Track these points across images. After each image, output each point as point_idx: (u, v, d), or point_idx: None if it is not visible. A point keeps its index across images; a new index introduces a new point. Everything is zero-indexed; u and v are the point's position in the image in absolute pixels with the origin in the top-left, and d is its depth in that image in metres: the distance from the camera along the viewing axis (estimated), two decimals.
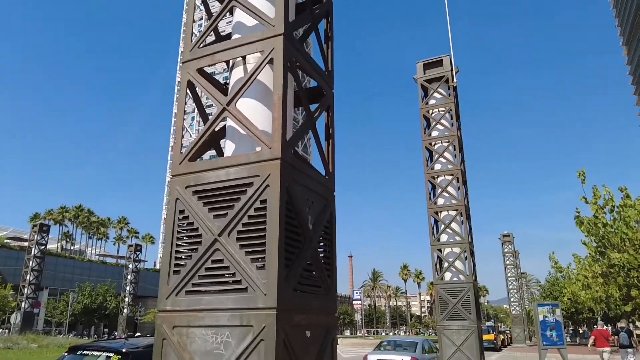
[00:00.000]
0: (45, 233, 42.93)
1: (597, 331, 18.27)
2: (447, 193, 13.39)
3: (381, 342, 15.47)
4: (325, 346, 3.66)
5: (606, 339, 17.32)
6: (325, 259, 3.93)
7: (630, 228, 10.23)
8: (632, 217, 10.32)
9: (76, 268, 68.81)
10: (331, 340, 3.77)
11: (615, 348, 19.19)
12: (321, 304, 3.71)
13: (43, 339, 27.31)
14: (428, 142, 14.01)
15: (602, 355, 17.41)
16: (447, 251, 13.15)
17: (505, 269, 42.45)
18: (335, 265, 4.07)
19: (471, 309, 12.13)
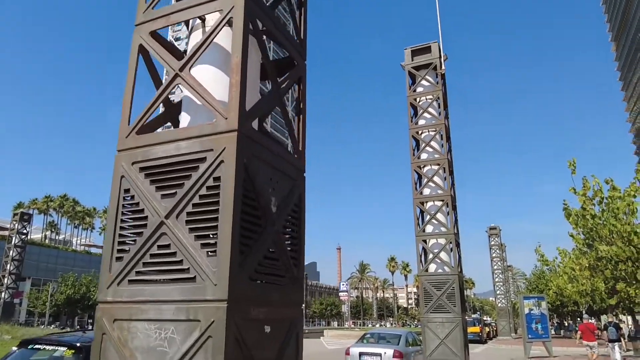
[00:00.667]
0: (26, 222, 42.05)
1: (583, 325, 18.31)
2: (433, 183, 13.07)
3: (364, 334, 15.18)
4: (288, 341, 3.27)
5: (592, 333, 17.39)
6: (292, 246, 3.54)
7: (619, 220, 9.98)
8: (621, 209, 10.07)
9: (60, 258, 67.90)
10: (295, 334, 3.39)
11: (602, 342, 19.23)
12: (285, 295, 3.32)
13: (18, 330, 26.65)
14: (415, 130, 13.65)
15: (588, 348, 17.39)
16: (432, 242, 12.84)
17: (491, 261, 42.50)
18: (303, 252, 3.68)
19: (456, 301, 11.85)
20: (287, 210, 3.46)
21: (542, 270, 40.96)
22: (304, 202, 3.74)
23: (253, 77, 3.58)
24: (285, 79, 3.72)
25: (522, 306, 22.57)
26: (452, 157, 13.86)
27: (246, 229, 2.92)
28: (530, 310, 22.35)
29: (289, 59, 4.05)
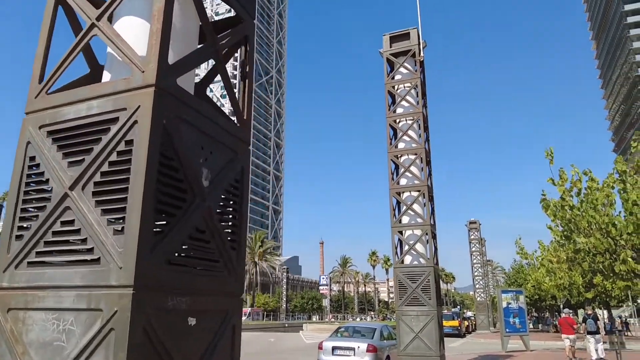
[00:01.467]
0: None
1: (562, 319, 18.30)
2: (410, 173, 12.73)
3: (338, 328, 14.83)
4: (222, 336, 2.84)
5: (571, 327, 17.43)
6: (230, 227, 3.10)
7: (598, 211, 9.75)
8: (600, 200, 9.83)
9: None
10: (231, 327, 2.95)
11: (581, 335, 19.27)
12: (218, 283, 2.88)
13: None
14: (392, 119, 13.28)
15: (567, 342, 17.35)
16: (408, 233, 12.52)
17: (471, 255, 42.62)
18: (245, 235, 3.23)
19: (431, 294, 11.55)
20: (224, 185, 3.01)
21: (521, 265, 41.23)
22: (247, 178, 3.30)
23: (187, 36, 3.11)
24: (226, 36, 3.26)
25: (500, 300, 22.51)
26: (430, 147, 13.53)
27: (165, 203, 2.48)
28: (508, 304, 22.29)
29: (235, 17, 3.59)
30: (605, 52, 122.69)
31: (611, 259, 9.74)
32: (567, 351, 17.22)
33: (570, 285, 19.41)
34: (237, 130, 3.24)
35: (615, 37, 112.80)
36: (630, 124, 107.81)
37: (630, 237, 9.27)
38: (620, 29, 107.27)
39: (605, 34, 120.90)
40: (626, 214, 9.80)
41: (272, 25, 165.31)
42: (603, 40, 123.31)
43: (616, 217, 9.96)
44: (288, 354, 21.89)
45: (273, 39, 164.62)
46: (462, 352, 22.44)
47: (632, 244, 9.32)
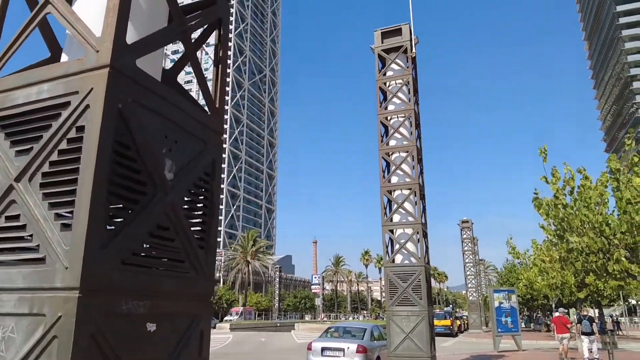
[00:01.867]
0: None
1: (556, 318, 18.36)
2: (401, 171, 12.53)
3: (328, 328, 14.62)
4: (187, 343, 2.60)
5: (564, 326, 17.44)
6: (198, 224, 2.86)
7: (591, 210, 9.59)
8: (593, 199, 9.68)
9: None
10: (199, 334, 2.72)
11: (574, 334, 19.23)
12: (184, 285, 2.64)
13: None
14: (384, 116, 13.08)
15: (562, 341, 17.58)
16: (399, 232, 12.32)
17: (463, 254, 42.55)
18: (216, 233, 3.00)
19: (422, 293, 11.35)
20: (192, 178, 2.78)
21: (513, 264, 41.20)
22: (219, 171, 3.05)
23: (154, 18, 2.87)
24: (196, 17, 3.01)
25: (492, 299, 22.39)
26: (421, 145, 13.34)
27: (120, 196, 2.24)
28: (500, 304, 22.17)
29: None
30: (598, 53, 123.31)
31: (604, 259, 9.59)
32: (561, 350, 17.27)
33: (563, 284, 19.30)
34: (207, 119, 3.00)
35: (607, 37, 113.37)
36: (621, 124, 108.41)
37: (624, 236, 9.12)
38: (613, 29, 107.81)
39: (597, 34, 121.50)
40: (619, 213, 9.65)
41: (265, 23, 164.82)
42: (595, 40, 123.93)
43: (609, 216, 9.81)
44: (278, 354, 21.66)
45: (267, 37, 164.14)
46: (453, 351, 22.31)
47: (626, 243, 9.17)
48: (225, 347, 25.37)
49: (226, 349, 24.16)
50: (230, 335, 35.30)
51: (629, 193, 9.23)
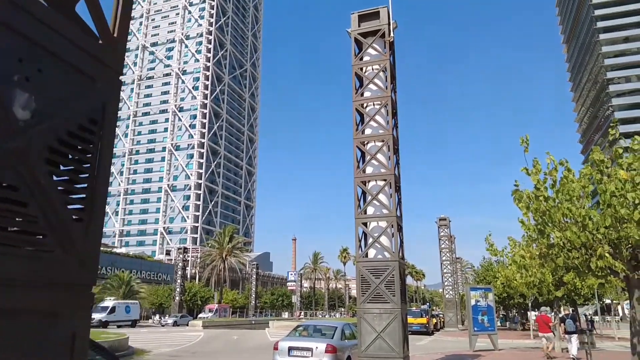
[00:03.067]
0: None
1: (539, 317, 18.47)
2: (377, 161, 11.87)
3: (297, 326, 13.91)
4: (47, 350, 1.85)
5: (547, 325, 17.54)
6: (76, 188, 2.10)
7: (574, 203, 9.05)
8: (576, 191, 9.14)
9: None
10: (69, 337, 1.96)
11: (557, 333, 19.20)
12: (43, 270, 1.88)
13: None
14: (359, 103, 12.40)
15: (543, 340, 17.71)
16: (372, 225, 11.67)
17: (440, 252, 42.32)
18: (103, 203, 2.24)
19: (395, 290, 10.71)
20: (67, 122, 2.01)
21: (490, 262, 41.10)
22: (112, 120, 2.30)
23: None
24: None
25: (469, 297, 21.97)
26: (398, 134, 12.71)
27: None
28: (476, 302, 21.76)
29: None
30: (576, 56, 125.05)
31: (587, 255, 9.07)
32: (545, 348, 17.43)
33: (541, 283, 18.98)
34: (98, 49, 2.23)
35: (585, 41, 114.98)
36: (597, 126, 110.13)
37: (608, 231, 8.61)
38: (590, 33, 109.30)
39: (575, 38, 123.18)
40: (603, 207, 9.13)
41: (247, 18, 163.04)
42: (574, 44, 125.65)
43: (591, 211, 9.26)
44: (246, 353, 20.89)
45: (248, 32, 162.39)
46: (428, 351, 21.83)
47: (610, 238, 8.66)
48: (194, 345, 24.47)
49: (195, 347, 23.27)
50: (202, 333, 34.35)
51: (614, 185, 8.72)
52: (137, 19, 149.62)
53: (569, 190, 9.29)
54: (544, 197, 9.36)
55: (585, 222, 8.82)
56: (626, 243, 8.77)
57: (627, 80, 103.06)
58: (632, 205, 8.19)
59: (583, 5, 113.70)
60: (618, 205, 8.43)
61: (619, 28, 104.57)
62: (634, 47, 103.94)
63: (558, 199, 9.18)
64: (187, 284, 73.48)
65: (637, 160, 9.08)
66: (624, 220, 8.50)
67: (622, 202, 8.36)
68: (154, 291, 67.54)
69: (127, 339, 19.63)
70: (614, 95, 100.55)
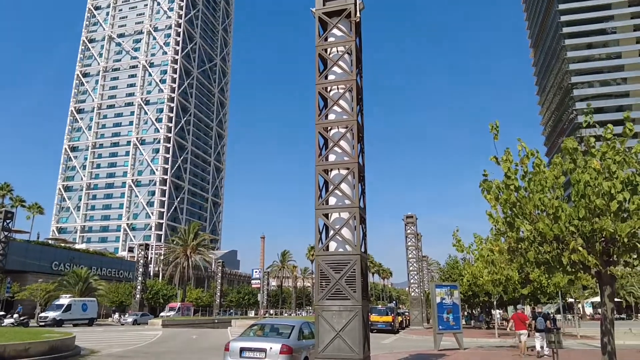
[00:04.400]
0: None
1: (515, 315, 18.60)
2: (340, 148, 11.10)
3: (252, 324, 13.00)
4: None
5: (523, 323, 17.59)
6: None
7: (546, 193, 8.47)
8: (549, 181, 8.57)
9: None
10: None
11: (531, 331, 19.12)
12: None
13: None
14: (322, 86, 11.59)
15: (519, 338, 17.75)
16: (334, 217, 10.88)
17: (406, 250, 42.01)
18: None
19: (356, 286, 9.95)
20: None
21: (456, 260, 41.05)
22: None
23: None
24: None
25: (434, 295, 21.47)
26: (363, 121, 11.97)
27: None
28: (442, 300, 21.29)
29: None
30: (542, 60, 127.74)
31: (559, 249, 8.52)
32: (522, 347, 17.59)
33: (507, 280, 18.66)
34: None
35: (551, 46, 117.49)
36: (561, 130, 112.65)
37: (581, 223, 8.05)
38: (557, 38, 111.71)
39: (542, 42, 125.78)
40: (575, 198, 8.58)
41: (218, 12, 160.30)
42: (540, 48, 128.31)
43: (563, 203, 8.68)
44: (201, 353, 19.86)
45: (218, 25, 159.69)
46: (392, 349, 21.25)
47: (584, 231, 8.11)
48: (149, 345, 23.23)
49: (149, 347, 22.05)
50: (160, 332, 32.98)
51: (588, 175, 8.18)
52: (104, 9, 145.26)
53: (540, 180, 8.72)
54: (514, 187, 8.76)
55: (558, 214, 8.25)
56: (600, 236, 8.24)
57: (590, 85, 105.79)
58: (608, 195, 7.65)
59: (550, 11, 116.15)
60: (593, 196, 7.89)
61: (584, 34, 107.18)
62: (597, 53, 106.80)
63: (530, 188, 8.58)
64: (150, 281, 71.39)
65: (611, 149, 8.60)
66: (598, 211, 7.97)
67: (597, 192, 7.82)
68: (114, 289, 65.31)
69: (73, 338, 18.29)
70: (578, 100, 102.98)
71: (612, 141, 8.74)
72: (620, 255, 8.64)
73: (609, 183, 7.62)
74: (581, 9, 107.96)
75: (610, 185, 7.58)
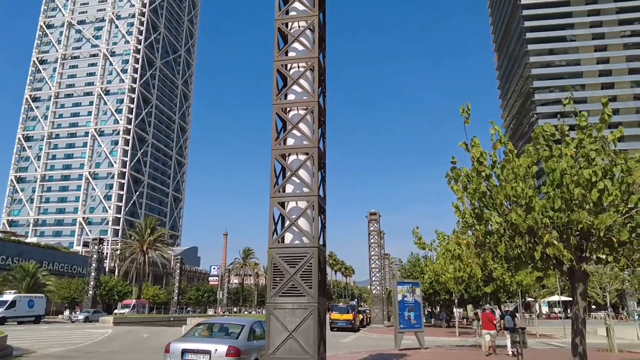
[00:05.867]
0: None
1: (483, 314, 18.34)
2: (299, 131, 10.16)
3: (198, 324, 11.93)
4: None
5: (491, 322, 17.50)
6: None
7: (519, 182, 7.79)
8: (523, 167, 7.90)
9: None
10: None
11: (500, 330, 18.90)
12: None
13: None
14: (281, 63, 10.64)
15: (485, 337, 17.64)
16: (291, 206, 9.96)
17: (369, 247, 41.54)
18: None
19: (313, 281, 9.06)
20: None
21: (418, 258, 40.80)
22: None
23: None
24: None
25: (396, 292, 20.82)
26: (326, 104, 11.10)
27: None
28: (404, 297, 20.67)
29: None
30: (505, 65, 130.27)
31: (531, 242, 7.87)
32: (485, 346, 17.45)
33: (470, 278, 18.18)
34: None
35: (514, 51, 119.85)
36: (521, 134, 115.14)
37: (557, 214, 7.40)
38: (520, 43, 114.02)
39: (506, 47, 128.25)
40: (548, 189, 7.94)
41: (183, 2, 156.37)
42: (504, 53, 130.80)
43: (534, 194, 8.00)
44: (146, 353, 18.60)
45: (184, 16, 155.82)
46: (352, 349, 20.50)
47: (561, 223, 7.47)
48: (95, 344, 21.72)
49: (93, 346, 20.57)
50: (110, 330, 31.27)
51: (565, 162, 7.55)
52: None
53: (513, 168, 8.05)
54: (486, 175, 8.04)
55: (532, 204, 7.57)
56: (575, 229, 7.61)
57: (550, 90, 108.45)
58: (588, 184, 7.00)
59: (514, 17, 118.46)
60: (571, 185, 7.24)
61: (546, 40, 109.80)
62: (557, 59, 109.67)
63: (503, 176, 7.88)
64: (104, 277, 68.62)
65: (587, 136, 8.00)
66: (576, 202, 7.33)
67: (576, 181, 7.17)
68: (66, 285, 62.42)
69: (4, 337, 16.71)
70: (539, 104, 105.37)
71: (587, 129, 8.17)
72: (593, 251, 8.07)
73: (589, 171, 6.98)
74: (544, 15, 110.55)
75: (590, 172, 6.94)
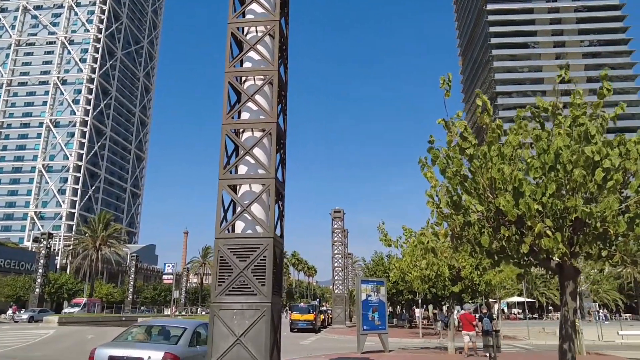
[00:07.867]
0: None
1: (462, 315, 17.99)
2: (255, 104, 8.83)
3: (132, 326, 10.42)
4: None
5: (470, 323, 17.35)
6: None
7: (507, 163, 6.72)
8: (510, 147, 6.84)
9: None
10: None
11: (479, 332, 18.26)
12: None
13: None
14: (237, 26, 9.28)
15: (465, 338, 17.52)
16: (244, 190, 8.61)
17: (332, 246, 40.43)
18: None
19: (266, 278, 7.73)
20: None
21: (381, 257, 39.93)
22: None
23: None
24: None
25: (359, 291, 19.68)
26: (287, 76, 9.80)
27: None
28: (367, 297, 19.55)
29: None
30: (469, 69, 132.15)
31: (518, 233, 6.82)
32: (466, 348, 17.39)
33: (437, 277, 17.25)
34: None
35: (479, 55, 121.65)
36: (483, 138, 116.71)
37: (552, 200, 6.34)
38: (484, 48, 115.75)
39: (471, 52, 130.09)
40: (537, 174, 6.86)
41: None
42: (469, 57, 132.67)
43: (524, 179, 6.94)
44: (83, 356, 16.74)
45: (148, 7, 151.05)
46: (312, 352, 19.26)
47: (557, 210, 6.42)
48: (27, 347, 19.68)
49: (24, 350, 18.57)
50: (52, 331, 28.95)
51: (562, 140, 6.49)
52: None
53: (499, 148, 6.97)
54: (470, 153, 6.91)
55: (522, 189, 6.49)
56: (569, 219, 6.57)
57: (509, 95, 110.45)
58: (591, 164, 5.97)
59: (480, 22, 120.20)
60: (569, 165, 6.19)
61: (509, 46, 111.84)
62: (520, 65, 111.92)
63: (489, 155, 6.77)
64: (53, 274, 65.10)
65: (582, 113, 6.99)
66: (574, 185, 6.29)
67: (575, 160, 6.13)
68: (11, 282, 58.76)
69: None
70: (502, 109, 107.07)
71: (582, 106, 7.16)
72: (587, 244, 7.06)
73: (593, 147, 5.94)
74: (509, 22, 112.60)
75: (593, 150, 5.90)
